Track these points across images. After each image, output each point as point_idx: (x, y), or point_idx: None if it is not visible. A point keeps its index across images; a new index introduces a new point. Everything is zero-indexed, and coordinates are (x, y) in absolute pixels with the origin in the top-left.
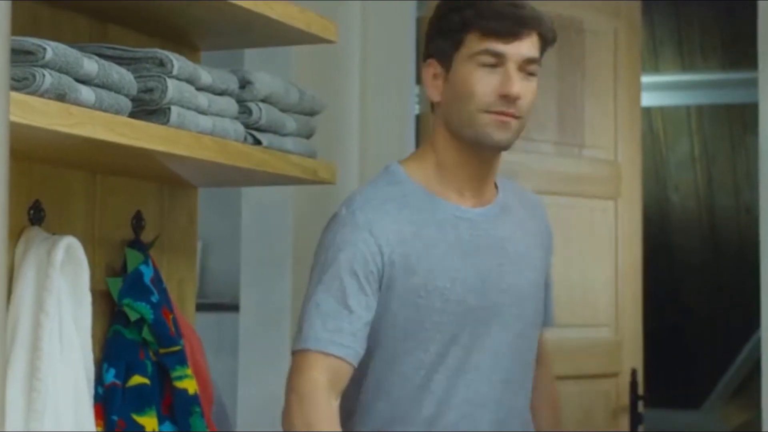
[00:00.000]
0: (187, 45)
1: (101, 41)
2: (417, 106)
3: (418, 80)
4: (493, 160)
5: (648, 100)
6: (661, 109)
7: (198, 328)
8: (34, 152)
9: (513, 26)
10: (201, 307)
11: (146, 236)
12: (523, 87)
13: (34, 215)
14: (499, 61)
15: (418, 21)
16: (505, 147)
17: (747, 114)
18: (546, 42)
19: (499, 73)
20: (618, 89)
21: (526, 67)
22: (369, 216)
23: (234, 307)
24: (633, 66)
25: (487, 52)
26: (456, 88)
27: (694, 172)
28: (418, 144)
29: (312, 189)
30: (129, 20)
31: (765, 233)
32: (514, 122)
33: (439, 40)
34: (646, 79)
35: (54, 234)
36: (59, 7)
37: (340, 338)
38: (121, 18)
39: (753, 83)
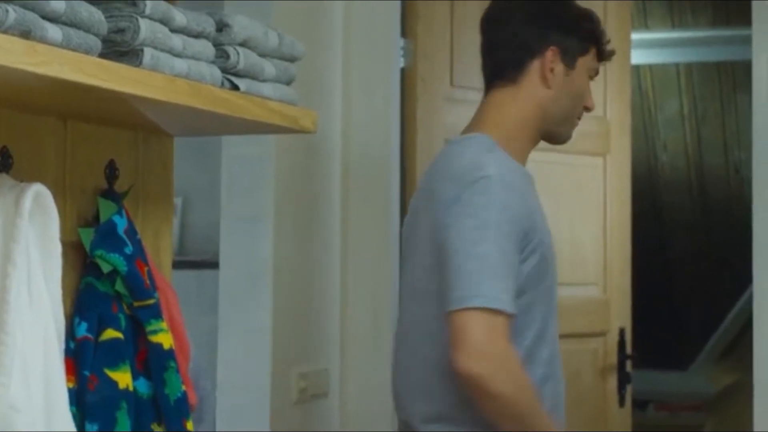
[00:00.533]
0: None
1: None
2: (402, 59)
3: (404, 33)
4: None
5: (636, 57)
6: (650, 67)
7: (178, 285)
8: (1, 96)
9: (611, 51)
10: (181, 265)
11: (120, 186)
12: None
13: (2, 162)
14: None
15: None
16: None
17: (737, 72)
18: None
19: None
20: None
21: None
22: (512, 178)
23: (215, 264)
24: (623, 24)
25: (596, 71)
26: (572, 90)
27: (684, 131)
28: (403, 98)
29: (293, 142)
30: None
31: (758, 194)
32: None
33: (569, 39)
34: (635, 36)
35: (22, 182)
36: None
37: (509, 296)
38: None
39: (743, 40)
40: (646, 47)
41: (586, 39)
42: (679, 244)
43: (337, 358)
